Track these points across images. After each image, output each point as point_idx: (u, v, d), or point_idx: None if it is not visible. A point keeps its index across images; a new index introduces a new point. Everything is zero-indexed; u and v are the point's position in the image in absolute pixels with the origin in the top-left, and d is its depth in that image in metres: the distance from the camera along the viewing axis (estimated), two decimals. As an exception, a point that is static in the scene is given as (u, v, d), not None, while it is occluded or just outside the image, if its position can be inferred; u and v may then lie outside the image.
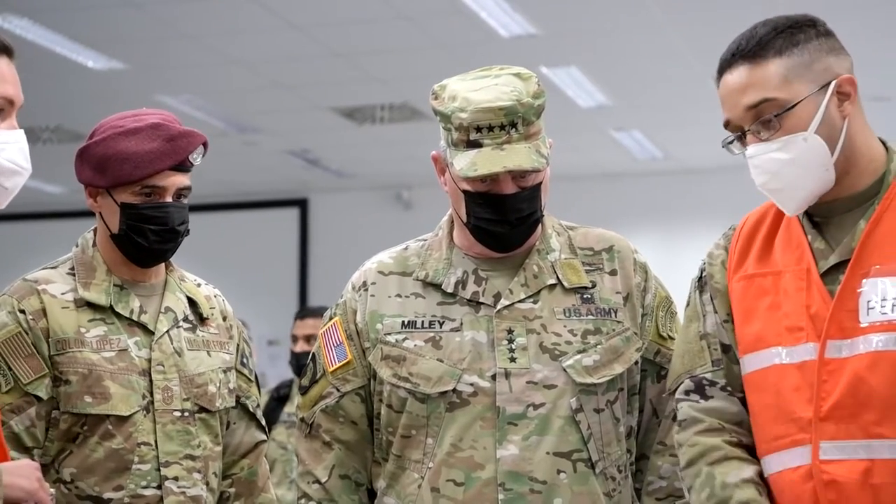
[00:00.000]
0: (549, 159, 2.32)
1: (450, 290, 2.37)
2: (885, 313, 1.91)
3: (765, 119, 1.96)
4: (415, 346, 2.34)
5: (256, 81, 8.11)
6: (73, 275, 2.55)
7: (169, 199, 2.55)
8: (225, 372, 2.63)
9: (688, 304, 2.21)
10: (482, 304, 2.35)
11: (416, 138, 9.51)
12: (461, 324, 2.34)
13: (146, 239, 2.53)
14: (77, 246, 2.62)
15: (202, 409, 2.56)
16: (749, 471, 2.02)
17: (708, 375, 2.11)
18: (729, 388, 2.09)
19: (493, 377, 2.29)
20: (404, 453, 2.33)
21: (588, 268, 2.40)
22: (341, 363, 2.41)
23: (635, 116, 9.14)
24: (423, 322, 2.36)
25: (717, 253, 2.17)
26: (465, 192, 2.32)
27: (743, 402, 2.08)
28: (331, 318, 2.47)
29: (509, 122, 2.26)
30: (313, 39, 7.27)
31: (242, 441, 2.69)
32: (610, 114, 9.05)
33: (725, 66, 2.01)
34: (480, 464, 2.27)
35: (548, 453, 2.27)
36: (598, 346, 2.33)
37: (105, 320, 2.51)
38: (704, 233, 4.84)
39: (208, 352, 2.62)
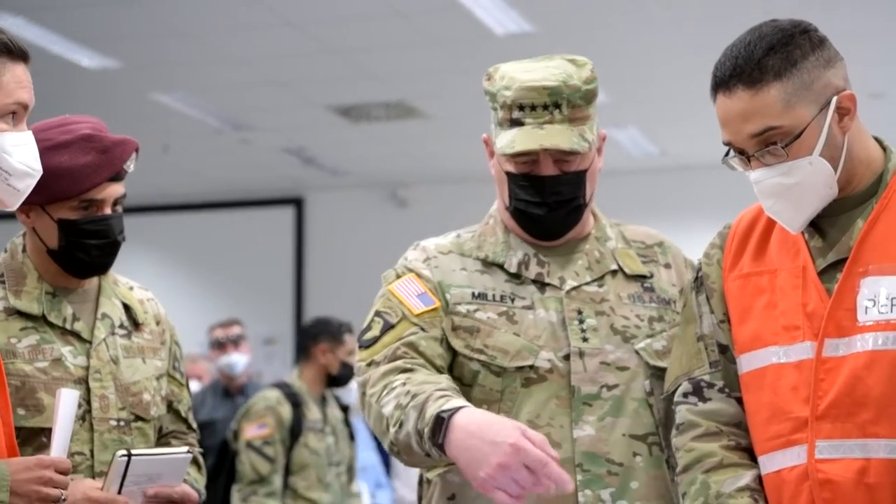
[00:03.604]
0: (593, 145, 2.30)
1: (513, 270, 2.33)
2: (883, 312, 1.90)
3: (771, 149, 1.94)
4: (488, 317, 2.28)
5: (252, 79, 8.09)
6: (3, 282, 2.47)
7: (107, 210, 2.47)
8: (158, 379, 2.57)
9: (685, 305, 2.21)
10: (548, 284, 2.31)
11: (411, 136, 9.50)
12: (532, 303, 2.29)
13: (88, 254, 2.46)
14: (6, 251, 2.53)
15: (138, 418, 2.50)
16: (746, 478, 2.01)
17: (706, 377, 2.10)
18: (727, 390, 2.08)
19: (566, 357, 2.25)
20: None
21: (643, 259, 2.40)
22: (428, 308, 2.27)
23: (632, 113, 9.13)
24: (494, 295, 2.30)
25: (712, 252, 2.16)
26: (507, 173, 2.30)
27: (741, 402, 2.07)
28: (399, 276, 2.34)
29: (553, 103, 2.25)
30: (308, 36, 7.26)
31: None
32: (606, 111, 9.03)
33: (722, 86, 1.97)
34: (558, 442, 2.21)
35: (623, 435, 2.24)
36: (664, 333, 2.31)
37: (37, 329, 2.44)
38: (701, 230, 4.83)
39: (143, 359, 2.55)
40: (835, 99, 1.95)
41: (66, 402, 2.24)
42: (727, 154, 2.02)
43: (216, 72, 7.96)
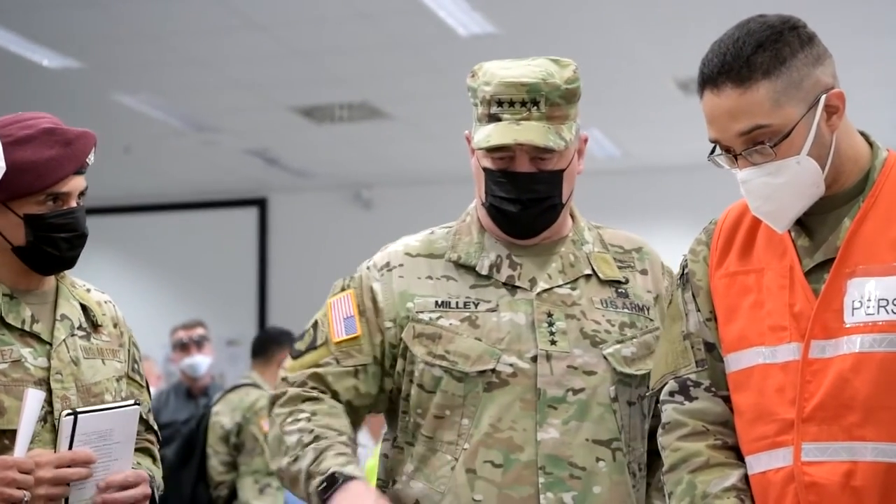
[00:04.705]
0: (570, 144, 2.30)
1: (484, 272, 2.33)
2: (870, 314, 1.88)
3: (759, 148, 1.92)
4: (450, 324, 2.29)
5: (215, 80, 8.06)
6: None
7: (73, 203, 2.45)
8: (118, 381, 2.55)
9: (671, 302, 2.19)
10: (518, 287, 2.31)
11: (375, 137, 9.49)
12: (497, 305, 2.30)
13: (57, 248, 2.43)
14: None
15: None
16: (732, 478, 2.00)
17: (692, 376, 2.08)
18: (713, 389, 2.07)
19: (534, 359, 2.25)
20: (436, 435, 2.27)
21: (619, 264, 2.40)
22: (349, 336, 2.33)
23: (594, 114, 9.16)
24: (457, 303, 2.31)
25: (699, 249, 2.14)
26: (485, 169, 2.30)
27: (728, 400, 2.05)
28: (343, 290, 2.39)
29: (531, 100, 2.26)
30: (272, 38, 7.23)
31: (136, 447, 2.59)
32: (569, 112, 9.04)
33: (710, 83, 1.94)
34: (520, 445, 2.23)
35: (587, 440, 2.25)
36: (634, 340, 2.31)
37: None
38: (663, 232, 4.86)
39: (103, 360, 2.53)
40: (823, 97, 1.94)
41: (32, 402, 2.23)
42: (713, 151, 1.99)
43: (179, 73, 7.92)
